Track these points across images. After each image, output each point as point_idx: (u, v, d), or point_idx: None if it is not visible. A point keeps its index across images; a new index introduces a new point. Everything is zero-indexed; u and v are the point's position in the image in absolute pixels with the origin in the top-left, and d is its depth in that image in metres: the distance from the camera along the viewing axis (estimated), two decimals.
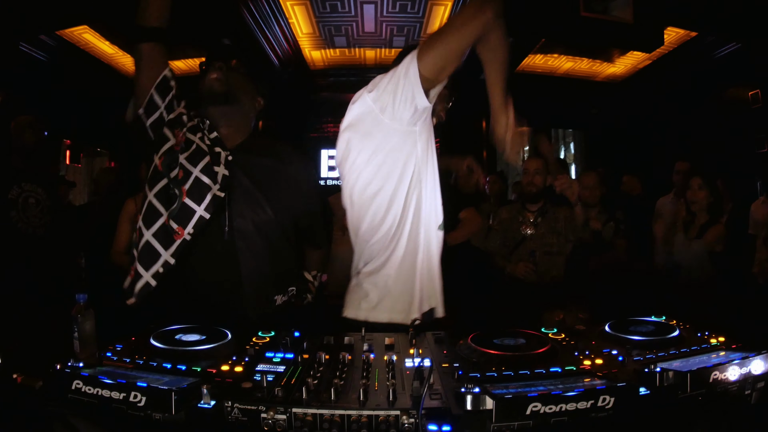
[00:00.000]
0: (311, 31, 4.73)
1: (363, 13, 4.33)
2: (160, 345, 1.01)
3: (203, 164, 1.38)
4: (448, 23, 1.26)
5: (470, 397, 0.77)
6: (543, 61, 5.07)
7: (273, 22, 4.36)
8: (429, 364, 0.91)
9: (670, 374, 0.84)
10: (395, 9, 4.26)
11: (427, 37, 1.29)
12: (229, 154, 1.43)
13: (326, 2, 4.16)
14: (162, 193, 1.38)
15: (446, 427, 0.75)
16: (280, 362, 0.97)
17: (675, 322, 1.17)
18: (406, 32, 4.74)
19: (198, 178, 1.36)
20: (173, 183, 1.37)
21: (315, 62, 5.54)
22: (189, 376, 0.88)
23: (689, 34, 4.18)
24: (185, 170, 1.37)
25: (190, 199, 1.35)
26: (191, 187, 1.36)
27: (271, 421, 0.76)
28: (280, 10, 4.22)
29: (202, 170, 1.37)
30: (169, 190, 1.37)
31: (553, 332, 1.14)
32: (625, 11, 3.35)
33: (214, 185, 1.37)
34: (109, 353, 0.98)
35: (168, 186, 1.38)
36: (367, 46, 5.11)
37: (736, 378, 0.87)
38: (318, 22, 4.51)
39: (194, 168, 1.37)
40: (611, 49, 4.75)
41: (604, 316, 1.19)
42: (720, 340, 1.04)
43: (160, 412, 0.78)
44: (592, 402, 0.76)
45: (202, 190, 1.36)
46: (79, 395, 0.81)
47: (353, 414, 0.76)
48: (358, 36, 4.81)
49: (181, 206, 1.35)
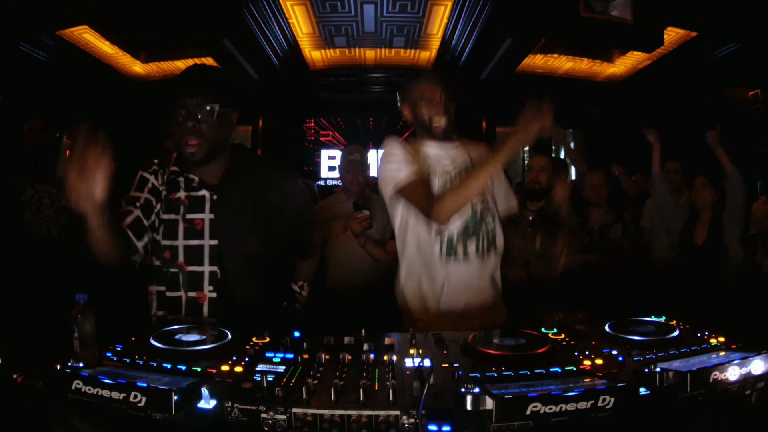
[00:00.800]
0: (311, 31, 4.72)
1: (363, 13, 4.33)
2: (160, 345, 1.01)
3: (182, 231, 1.41)
4: (468, 183, 1.47)
5: (470, 397, 0.77)
6: (543, 61, 5.06)
7: (273, 22, 4.36)
8: (429, 364, 0.92)
9: (670, 374, 0.84)
10: (395, 9, 4.26)
11: (444, 195, 1.50)
12: (213, 194, 1.43)
13: (326, 2, 4.15)
14: (166, 280, 1.42)
15: (446, 427, 0.75)
16: (280, 362, 0.97)
17: (675, 322, 1.17)
18: (406, 32, 4.74)
19: (187, 246, 1.41)
20: (167, 265, 1.41)
21: (315, 62, 5.53)
22: (189, 376, 0.89)
23: (689, 34, 4.17)
24: (170, 248, 1.41)
25: (191, 266, 1.40)
26: (186, 257, 1.41)
27: (271, 421, 0.76)
28: (280, 10, 4.22)
29: (185, 237, 1.41)
30: (168, 273, 1.42)
31: (553, 332, 1.14)
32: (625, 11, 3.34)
33: (204, 240, 1.41)
34: (109, 353, 0.98)
35: (166, 272, 1.42)
36: (367, 46, 5.10)
37: (736, 378, 0.87)
38: (318, 22, 4.50)
39: (177, 240, 1.41)
40: (611, 49, 4.74)
41: (604, 316, 1.19)
42: (720, 340, 1.04)
43: (160, 412, 0.78)
44: (592, 402, 0.76)
45: (197, 253, 1.41)
46: (79, 395, 0.81)
47: (353, 414, 0.76)
48: (358, 36, 4.80)
49: (188, 275, 1.40)
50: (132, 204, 1.40)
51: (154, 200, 1.42)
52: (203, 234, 1.41)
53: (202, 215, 1.41)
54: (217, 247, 1.40)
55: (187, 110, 1.33)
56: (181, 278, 1.40)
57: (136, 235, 1.38)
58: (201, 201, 1.42)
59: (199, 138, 1.34)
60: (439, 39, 4.87)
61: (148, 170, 1.46)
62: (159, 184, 1.44)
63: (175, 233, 1.41)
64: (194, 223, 1.41)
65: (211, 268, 1.40)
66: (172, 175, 1.44)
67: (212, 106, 1.33)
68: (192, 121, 1.33)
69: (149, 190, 1.43)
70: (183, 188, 1.44)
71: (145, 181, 1.44)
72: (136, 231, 1.38)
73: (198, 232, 1.41)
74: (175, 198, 1.43)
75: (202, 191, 1.43)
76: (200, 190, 1.43)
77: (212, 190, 1.43)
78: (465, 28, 4.44)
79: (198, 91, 1.34)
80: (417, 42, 4.95)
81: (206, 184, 1.43)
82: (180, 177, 1.44)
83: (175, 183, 1.44)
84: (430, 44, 5.02)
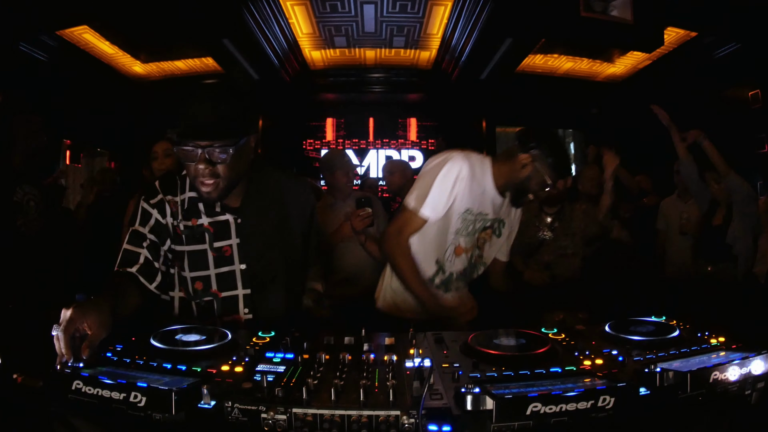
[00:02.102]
0: (311, 31, 4.72)
1: (363, 13, 4.33)
2: (160, 345, 1.01)
3: (212, 261, 1.36)
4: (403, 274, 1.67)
5: (470, 397, 0.77)
6: (543, 61, 5.06)
7: (273, 22, 4.36)
8: (429, 364, 0.91)
9: (670, 374, 0.84)
10: (395, 9, 4.26)
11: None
12: (237, 217, 1.38)
13: (326, 2, 4.16)
14: (199, 309, 1.38)
15: (446, 427, 0.75)
16: (280, 362, 0.97)
17: (675, 322, 1.17)
18: (406, 32, 4.74)
19: (219, 274, 1.37)
20: (199, 296, 1.37)
21: (315, 62, 5.53)
22: (189, 376, 0.88)
23: (689, 34, 4.17)
24: (201, 279, 1.37)
25: (224, 292, 1.37)
26: (219, 284, 1.37)
27: (271, 421, 0.76)
28: (280, 10, 4.22)
29: (216, 266, 1.37)
30: (201, 303, 1.38)
31: (553, 332, 1.14)
32: (625, 11, 3.35)
33: (235, 265, 1.38)
34: (109, 353, 0.98)
35: (199, 302, 1.38)
36: (367, 46, 5.10)
37: (736, 378, 0.87)
38: (318, 22, 4.51)
39: (208, 270, 1.37)
40: (611, 49, 4.74)
41: (604, 316, 1.19)
42: (720, 340, 1.04)
43: (160, 412, 0.78)
44: (593, 402, 0.76)
45: (230, 279, 1.37)
46: (79, 395, 0.81)
47: (353, 414, 0.76)
48: (358, 36, 4.80)
49: (222, 301, 1.37)
50: (138, 244, 1.32)
51: (158, 240, 1.33)
52: (233, 260, 1.37)
53: (229, 242, 1.37)
54: (247, 270, 1.38)
55: (200, 149, 1.18)
56: (215, 305, 1.37)
57: (148, 278, 1.31)
58: (226, 226, 1.37)
59: (216, 179, 1.23)
60: (439, 39, 4.88)
61: (150, 201, 1.36)
62: (165, 216, 1.35)
63: (206, 263, 1.36)
64: (223, 250, 1.37)
65: (245, 291, 1.38)
66: (190, 201, 1.37)
67: (228, 147, 1.19)
68: (205, 164, 1.20)
69: (152, 228, 1.33)
70: (204, 213, 1.36)
71: (148, 216, 1.34)
72: (147, 275, 1.32)
73: (228, 258, 1.37)
74: (197, 225, 1.36)
75: (225, 216, 1.37)
76: (223, 214, 1.37)
77: (235, 213, 1.37)
78: (465, 28, 4.44)
79: (210, 134, 1.18)
80: (417, 42, 4.96)
81: (229, 208, 1.37)
82: (199, 202, 1.36)
83: (194, 208, 1.36)
84: (430, 44, 5.03)
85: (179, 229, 1.35)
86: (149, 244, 1.32)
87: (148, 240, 1.32)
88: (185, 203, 1.36)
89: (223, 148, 1.19)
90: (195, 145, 1.18)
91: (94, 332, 0.96)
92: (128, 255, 1.31)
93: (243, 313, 1.38)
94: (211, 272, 1.36)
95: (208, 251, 1.36)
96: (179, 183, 1.38)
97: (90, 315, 0.97)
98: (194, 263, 1.36)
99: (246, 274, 1.38)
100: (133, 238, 1.33)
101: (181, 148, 1.19)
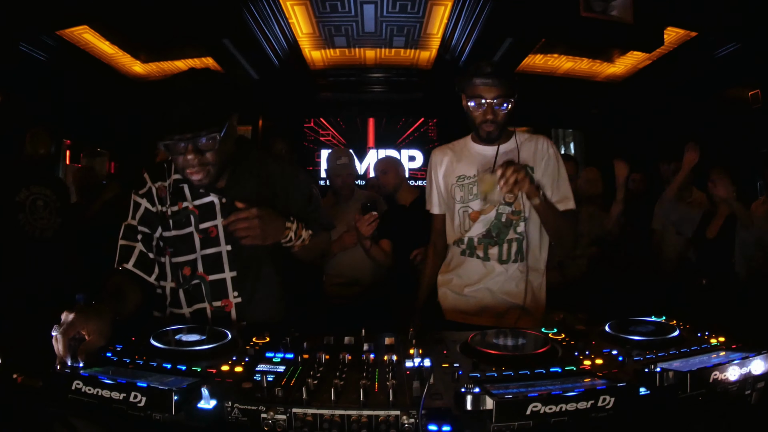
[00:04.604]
0: (311, 31, 4.72)
1: (363, 13, 4.32)
2: (160, 345, 1.01)
3: (198, 242, 1.37)
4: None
5: (470, 397, 0.77)
6: (543, 61, 5.06)
7: (273, 22, 4.36)
8: (429, 364, 0.91)
9: (670, 374, 0.84)
10: (395, 9, 4.25)
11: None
12: (222, 197, 1.38)
13: (326, 2, 4.15)
14: (188, 295, 1.39)
15: (446, 427, 0.75)
16: (280, 362, 0.97)
17: (675, 322, 1.17)
18: (406, 32, 4.73)
19: (205, 256, 1.38)
20: (188, 281, 1.38)
21: (315, 62, 5.53)
22: (189, 376, 0.88)
23: (689, 34, 4.17)
24: (189, 263, 1.38)
25: (212, 275, 1.38)
26: (206, 267, 1.37)
27: (271, 421, 0.76)
28: (280, 10, 4.22)
29: (202, 247, 1.37)
30: (189, 288, 1.38)
31: (553, 332, 1.14)
32: (625, 11, 3.35)
33: (221, 246, 1.38)
34: (109, 353, 0.98)
35: (187, 288, 1.38)
36: (367, 46, 5.10)
37: (736, 378, 0.87)
38: (318, 22, 4.50)
39: (195, 252, 1.37)
40: (611, 49, 4.74)
41: (604, 316, 1.19)
42: (720, 340, 1.04)
43: (160, 412, 0.78)
44: (592, 402, 0.76)
45: (216, 261, 1.38)
46: (79, 395, 0.81)
47: (353, 414, 0.76)
48: (358, 36, 4.80)
49: (210, 285, 1.37)
50: (131, 238, 1.35)
51: (148, 230, 1.37)
52: (219, 241, 1.37)
53: (214, 222, 1.37)
54: (233, 251, 1.38)
55: (185, 142, 1.19)
56: (204, 289, 1.37)
57: (146, 271, 1.34)
58: (211, 207, 1.38)
59: (206, 166, 1.24)
60: (439, 39, 4.87)
61: (139, 192, 1.39)
62: (154, 203, 1.38)
63: (192, 246, 1.37)
64: (209, 231, 1.37)
65: (232, 273, 1.38)
66: (175, 184, 1.38)
67: (214, 135, 1.20)
68: (193, 153, 1.21)
69: (141, 218, 1.37)
70: (189, 196, 1.38)
71: (138, 208, 1.38)
72: (144, 268, 1.34)
73: (213, 239, 1.37)
74: (183, 208, 1.37)
75: (209, 197, 1.38)
76: (207, 195, 1.38)
77: (220, 193, 1.38)
78: (465, 28, 4.44)
79: (193, 127, 1.18)
80: (417, 42, 4.95)
81: (214, 188, 1.37)
82: (184, 184, 1.38)
83: (179, 191, 1.38)
84: (430, 44, 5.02)
85: (167, 215, 1.38)
86: (142, 236, 1.36)
87: (140, 233, 1.35)
88: (171, 187, 1.39)
89: (210, 136, 1.20)
90: (181, 138, 1.19)
91: (92, 339, 0.96)
92: (124, 250, 1.34)
93: (233, 296, 1.38)
94: (198, 255, 1.38)
95: (194, 234, 1.37)
96: (166, 167, 1.41)
97: (91, 321, 0.97)
98: (182, 248, 1.38)
99: (232, 255, 1.38)
100: (127, 233, 1.36)
101: (167, 143, 1.20)
